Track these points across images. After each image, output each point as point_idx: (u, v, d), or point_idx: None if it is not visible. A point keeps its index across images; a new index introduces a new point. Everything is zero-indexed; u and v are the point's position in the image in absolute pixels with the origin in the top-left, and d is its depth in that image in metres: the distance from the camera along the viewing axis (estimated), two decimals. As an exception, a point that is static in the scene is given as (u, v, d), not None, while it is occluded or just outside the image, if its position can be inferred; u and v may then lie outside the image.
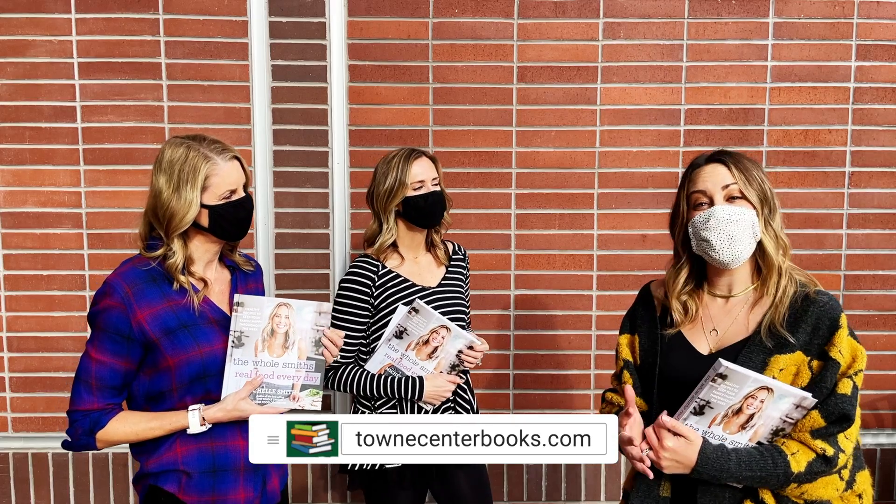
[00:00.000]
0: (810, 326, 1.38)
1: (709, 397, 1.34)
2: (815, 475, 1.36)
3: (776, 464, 1.35)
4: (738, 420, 1.36)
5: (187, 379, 1.55)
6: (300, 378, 1.62)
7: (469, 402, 2.15)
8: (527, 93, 2.79)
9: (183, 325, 1.55)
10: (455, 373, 2.04)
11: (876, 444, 2.94)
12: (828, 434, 1.35)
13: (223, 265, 1.71)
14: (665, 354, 1.51)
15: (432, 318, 1.96)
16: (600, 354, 2.91)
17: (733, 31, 2.78)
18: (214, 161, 1.55)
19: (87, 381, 1.54)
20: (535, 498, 2.97)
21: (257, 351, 1.59)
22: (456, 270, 2.18)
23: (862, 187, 2.84)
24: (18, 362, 2.83)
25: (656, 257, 2.85)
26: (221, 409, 1.55)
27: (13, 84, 2.73)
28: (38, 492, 2.88)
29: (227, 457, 1.59)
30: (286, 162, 2.79)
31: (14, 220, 2.78)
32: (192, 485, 1.57)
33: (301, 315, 1.62)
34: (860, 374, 1.37)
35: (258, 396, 1.59)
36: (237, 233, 1.62)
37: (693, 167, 1.50)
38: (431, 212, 2.05)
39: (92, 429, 1.54)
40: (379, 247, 2.07)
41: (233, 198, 1.59)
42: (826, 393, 1.35)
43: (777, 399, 1.33)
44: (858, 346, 1.39)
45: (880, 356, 2.90)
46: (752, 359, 1.40)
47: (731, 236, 1.40)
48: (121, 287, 1.52)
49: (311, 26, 2.75)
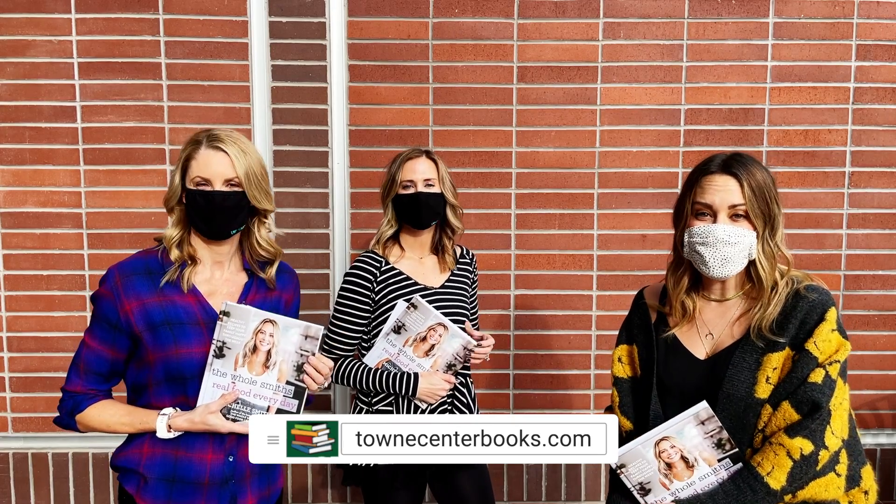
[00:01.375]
0: (798, 321, 1.38)
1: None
2: (803, 480, 1.34)
3: (755, 490, 1.34)
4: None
5: (163, 377, 1.52)
6: (277, 401, 1.55)
7: (468, 405, 2.14)
8: (527, 93, 2.79)
9: (167, 322, 1.51)
10: (451, 372, 2.04)
11: (876, 444, 2.94)
12: (804, 429, 1.33)
13: (242, 269, 1.65)
14: (663, 362, 1.51)
15: (430, 315, 1.96)
16: (600, 354, 2.91)
17: (733, 31, 2.78)
18: (197, 146, 1.54)
19: (76, 363, 1.56)
20: (535, 498, 2.97)
21: (237, 365, 1.52)
22: (462, 274, 2.17)
23: (862, 187, 2.84)
24: (18, 362, 2.83)
25: (656, 257, 2.85)
26: (188, 419, 1.50)
27: (13, 84, 2.73)
28: (38, 492, 2.88)
29: (189, 469, 1.53)
30: (286, 162, 2.79)
31: (14, 220, 2.78)
32: (147, 489, 1.53)
33: (286, 335, 1.53)
34: (836, 365, 1.35)
35: (232, 412, 1.52)
36: (206, 227, 1.54)
37: (703, 172, 1.44)
38: (417, 212, 2.04)
39: (73, 411, 1.55)
40: (378, 239, 2.09)
41: (205, 188, 1.52)
42: (797, 384, 1.34)
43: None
44: (844, 340, 1.38)
45: (880, 356, 2.90)
46: (746, 359, 1.40)
47: (726, 258, 1.40)
48: (113, 276, 1.53)
49: (311, 26, 2.75)
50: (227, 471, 1.56)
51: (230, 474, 1.56)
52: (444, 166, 2.10)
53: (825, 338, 1.36)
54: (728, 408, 1.39)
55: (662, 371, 1.50)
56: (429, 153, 2.09)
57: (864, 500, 1.43)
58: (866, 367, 2.89)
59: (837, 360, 1.35)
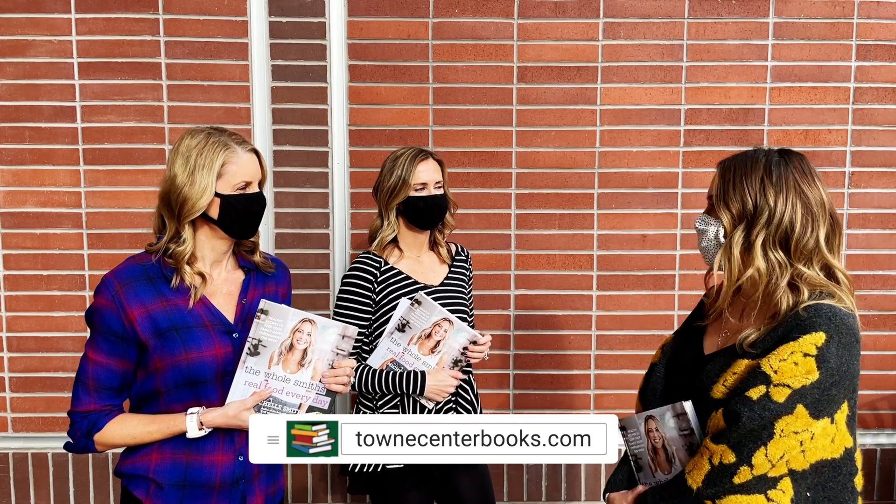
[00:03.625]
0: (778, 336, 1.29)
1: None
2: (719, 488, 1.28)
3: (679, 486, 1.33)
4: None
5: (172, 384, 1.50)
6: (309, 399, 1.56)
7: (471, 402, 2.14)
8: (527, 93, 2.79)
9: (174, 328, 1.49)
10: (458, 368, 2.03)
11: (876, 444, 2.94)
12: (726, 439, 1.27)
13: (238, 266, 1.64)
14: (679, 349, 1.53)
15: (434, 310, 1.96)
16: (600, 354, 2.91)
17: (733, 31, 2.78)
18: (233, 149, 1.51)
19: (84, 382, 1.51)
20: (535, 498, 2.97)
21: (272, 363, 1.52)
22: (458, 271, 2.18)
23: (862, 187, 2.84)
24: (18, 362, 2.83)
25: (656, 257, 2.85)
26: (223, 414, 1.49)
27: (13, 84, 2.73)
28: (38, 492, 2.88)
29: (200, 472, 1.52)
30: (286, 162, 2.79)
31: (14, 220, 2.78)
32: (159, 495, 1.51)
33: (324, 335, 1.56)
34: (782, 389, 1.23)
35: (262, 410, 1.53)
36: (246, 229, 1.56)
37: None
38: (431, 214, 2.06)
39: (90, 431, 1.51)
40: (379, 242, 2.08)
41: (247, 190, 1.54)
42: (735, 394, 1.29)
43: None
44: (815, 370, 1.23)
45: (880, 356, 2.90)
46: (721, 360, 1.37)
47: (699, 244, 1.43)
48: (112, 285, 1.49)
49: (311, 26, 2.75)
50: (238, 471, 1.55)
51: (240, 474, 1.56)
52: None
53: (788, 358, 1.24)
54: (695, 403, 1.38)
55: (672, 358, 1.52)
56: (433, 154, 2.10)
57: None
58: (866, 367, 2.89)
59: (789, 386, 1.23)
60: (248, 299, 1.61)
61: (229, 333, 1.56)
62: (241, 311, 1.59)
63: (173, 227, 1.52)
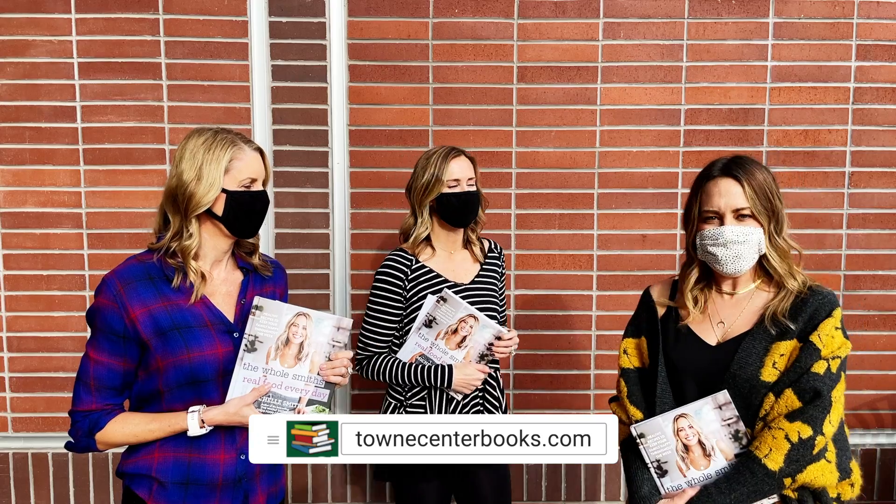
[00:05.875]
0: (808, 315, 1.45)
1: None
2: (801, 463, 1.39)
3: (754, 472, 1.38)
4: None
5: (174, 383, 1.50)
6: (308, 392, 1.57)
7: (498, 398, 2.16)
8: (527, 93, 2.79)
9: (175, 327, 1.50)
10: (485, 362, 2.06)
11: (876, 444, 2.94)
12: (804, 414, 1.39)
13: (237, 267, 1.65)
14: (673, 348, 1.56)
15: (460, 307, 2.00)
16: (600, 354, 2.91)
17: (733, 31, 2.78)
18: (240, 146, 1.54)
19: (85, 381, 1.52)
20: (535, 498, 2.97)
21: (269, 358, 1.54)
22: (490, 268, 2.19)
23: (862, 187, 2.84)
24: (18, 362, 2.83)
25: (656, 257, 2.85)
26: (224, 411, 1.50)
27: (13, 84, 2.73)
28: (38, 492, 2.88)
29: (203, 470, 1.53)
30: (286, 162, 2.79)
31: (14, 220, 2.78)
32: (162, 494, 1.52)
33: (319, 328, 1.57)
34: (837, 360, 1.42)
35: (262, 405, 1.54)
36: (250, 226, 1.58)
37: (706, 178, 1.52)
38: (464, 210, 2.07)
39: (91, 430, 1.52)
40: (413, 240, 2.10)
41: (252, 188, 1.56)
42: (800, 373, 1.40)
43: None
44: (845, 340, 1.45)
45: (880, 356, 2.90)
46: (756, 345, 1.46)
47: (738, 255, 1.47)
48: (113, 285, 1.49)
49: (311, 26, 2.75)
50: (240, 469, 1.56)
51: (242, 473, 1.56)
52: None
53: (829, 333, 1.42)
54: (734, 389, 1.44)
55: (673, 355, 1.55)
56: (465, 152, 2.12)
57: (851, 492, 1.49)
58: (866, 367, 2.89)
59: (839, 356, 1.43)
60: (247, 299, 1.61)
61: (230, 333, 1.56)
62: (240, 311, 1.59)
63: (178, 223, 1.53)
